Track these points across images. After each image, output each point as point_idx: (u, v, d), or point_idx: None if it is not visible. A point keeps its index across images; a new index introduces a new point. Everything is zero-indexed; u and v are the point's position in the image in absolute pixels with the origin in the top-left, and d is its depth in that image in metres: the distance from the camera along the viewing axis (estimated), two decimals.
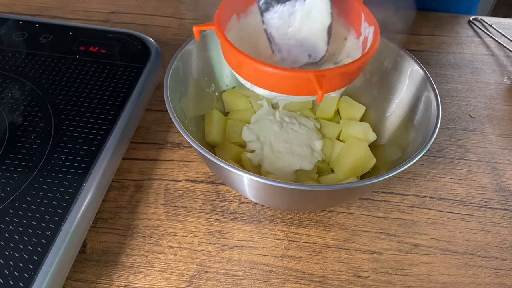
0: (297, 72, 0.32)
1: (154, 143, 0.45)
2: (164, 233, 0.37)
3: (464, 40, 0.62)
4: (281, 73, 0.30)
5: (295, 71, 0.32)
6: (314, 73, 0.29)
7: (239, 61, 0.32)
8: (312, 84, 0.29)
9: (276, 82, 0.32)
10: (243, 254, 0.36)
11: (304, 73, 0.31)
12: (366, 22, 0.35)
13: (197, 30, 0.33)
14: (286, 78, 0.31)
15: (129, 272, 0.35)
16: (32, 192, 0.34)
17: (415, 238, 0.38)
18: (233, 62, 0.34)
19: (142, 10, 0.64)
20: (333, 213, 0.40)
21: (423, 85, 0.39)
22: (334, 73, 0.31)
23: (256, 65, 0.31)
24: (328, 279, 0.35)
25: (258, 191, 0.34)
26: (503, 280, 0.36)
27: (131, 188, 0.41)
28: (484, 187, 0.43)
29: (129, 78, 0.45)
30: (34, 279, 0.29)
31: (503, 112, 0.51)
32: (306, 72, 0.30)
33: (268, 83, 0.32)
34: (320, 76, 0.29)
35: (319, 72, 0.29)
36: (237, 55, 0.31)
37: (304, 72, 0.31)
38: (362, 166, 0.39)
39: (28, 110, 0.42)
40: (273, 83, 0.32)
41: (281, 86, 0.32)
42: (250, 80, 0.33)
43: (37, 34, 0.50)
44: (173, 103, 0.35)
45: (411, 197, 0.41)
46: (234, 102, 0.45)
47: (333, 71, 0.31)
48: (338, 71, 0.31)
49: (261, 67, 0.30)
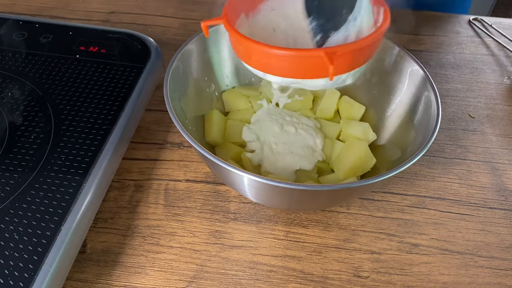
0: (306, 51, 0.31)
1: (154, 143, 0.45)
2: (164, 233, 0.37)
3: (464, 40, 0.62)
4: (290, 54, 0.30)
5: (305, 50, 0.31)
6: (324, 50, 0.29)
7: (248, 48, 0.32)
8: (324, 62, 0.29)
9: (286, 65, 0.31)
10: (243, 254, 0.36)
11: (314, 51, 0.30)
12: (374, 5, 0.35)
13: (205, 25, 0.33)
14: (296, 58, 0.30)
15: (129, 272, 0.35)
16: (32, 192, 0.34)
17: (415, 238, 0.38)
18: (241, 52, 0.34)
19: (142, 10, 0.64)
20: (333, 213, 0.40)
21: (423, 85, 0.39)
22: (345, 49, 0.30)
23: (264, 49, 0.30)
24: (328, 279, 0.35)
25: (258, 191, 0.34)
26: (503, 280, 0.36)
27: (131, 188, 0.41)
28: (484, 187, 0.43)
29: (129, 78, 0.45)
30: (34, 279, 0.29)
31: (503, 112, 0.51)
32: (316, 50, 0.30)
33: (278, 68, 0.32)
34: (331, 52, 0.29)
35: (329, 49, 0.29)
36: (246, 43, 0.31)
37: (314, 50, 0.30)
38: (362, 166, 0.39)
39: (28, 110, 0.42)
40: (283, 67, 0.31)
41: (291, 69, 0.31)
42: (261, 68, 0.33)
43: (37, 34, 0.50)
44: (173, 103, 0.35)
45: (411, 197, 0.41)
46: (234, 102, 0.45)
47: (343, 47, 0.30)
48: (349, 47, 0.30)
49: (269, 50, 0.30)
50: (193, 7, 0.66)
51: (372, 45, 0.32)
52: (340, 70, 0.32)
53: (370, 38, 0.31)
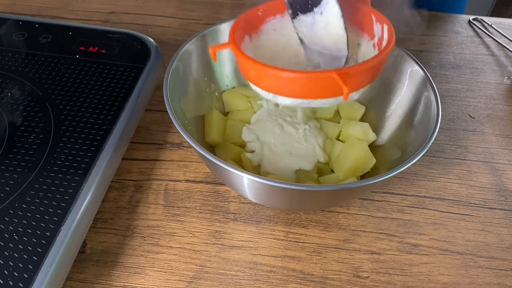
0: (319, 73, 0.31)
1: (154, 143, 0.45)
2: (164, 233, 0.37)
3: (464, 40, 0.62)
4: (303, 76, 0.30)
5: (317, 72, 0.32)
6: (337, 71, 0.29)
7: (259, 72, 0.32)
8: (336, 83, 0.29)
9: (298, 87, 0.31)
10: (242, 255, 0.36)
11: (326, 72, 0.30)
12: (378, 23, 0.35)
13: (214, 51, 0.33)
14: (309, 80, 0.31)
15: (129, 272, 0.35)
16: (32, 192, 0.34)
17: (415, 238, 0.38)
18: (252, 75, 0.34)
19: (142, 10, 0.64)
20: (333, 213, 0.40)
21: (423, 85, 0.39)
22: (356, 70, 0.31)
23: (276, 72, 0.30)
24: (328, 279, 0.35)
25: (258, 191, 0.34)
26: (503, 281, 0.36)
27: (130, 188, 0.41)
28: (484, 187, 0.43)
29: (129, 78, 0.45)
30: (33, 279, 0.29)
31: (503, 112, 0.51)
32: (328, 72, 0.30)
33: (291, 90, 0.32)
34: (344, 73, 0.29)
35: (341, 70, 0.29)
36: (256, 67, 0.31)
37: (326, 72, 0.30)
38: (362, 166, 0.39)
39: (28, 110, 0.42)
40: (296, 89, 0.32)
41: (304, 90, 0.32)
42: (272, 91, 0.33)
43: (37, 34, 0.50)
44: (173, 103, 0.35)
45: (411, 197, 0.41)
46: (234, 102, 0.45)
47: (355, 68, 0.31)
48: (360, 67, 0.31)
49: (282, 73, 0.30)
50: (193, 7, 0.66)
51: (380, 64, 0.33)
52: (353, 88, 0.32)
53: (379, 58, 0.31)
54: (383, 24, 0.35)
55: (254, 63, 0.31)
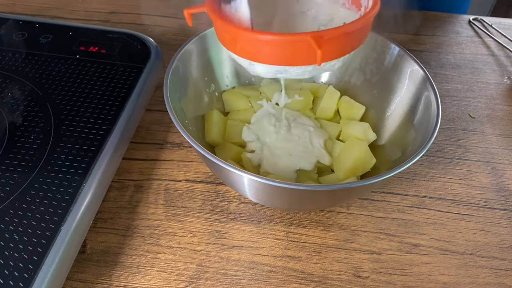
0: (292, 35, 0.29)
1: (154, 143, 0.45)
2: (164, 233, 0.37)
3: (464, 40, 0.62)
4: (276, 38, 0.29)
5: (291, 35, 0.29)
6: (311, 34, 0.28)
7: (233, 35, 0.31)
8: (311, 47, 0.28)
9: (272, 51, 0.30)
10: (243, 254, 0.36)
11: (300, 35, 0.28)
12: None
13: (188, 13, 0.32)
14: (283, 43, 0.29)
15: (129, 272, 0.35)
16: (32, 192, 0.34)
17: (415, 238, 0.38)
18: (226, 39, 0.33)
19: (142, 10, 0.64)
20: (333, 213, 0.40)
21: (423, 85, 0.39)
22: (332, 34, 0.29)
23: (250, 35, 0.29)
24: (328, 279, 0.35)
25: (258, 191, 0.34)
26: (503, 280, 0.36)
27: (131, 188, 0.41)
28: (484, 187, 0.43)
29: (129, 78, 0.45)
30: (34, 279, 0.29)
31: (503, 112, 0.51)
32: (303, 34, 0.28)
33: (264, 55, 0.31)
34: (318, 36, 0.28)
35: (316, 33, 0.28)
36: (230, 29, 0.30)
37: (301, 34, 0.28)
38: (362, 166, 0.39)
39: (28, 110, 0.42)
40: (269, 53, 0.30)
41: (278, 55, 0.30)
42: (246, 56, 0.32)
43: (37, 34, 0.50)
44: (173, 103, 0.35)
45: (411, 197, 0.41)
46: (234, 102, 0.45)
47: (331, 31, 0.29)
48: (337, 31, 0.29)
49: (255, 35, 0.29)
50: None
51: (361, 31, 0.31)
52: (328, 56, 0.31)
53: (359, 22, 0.30)
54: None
55: (227, 26, 0.30)
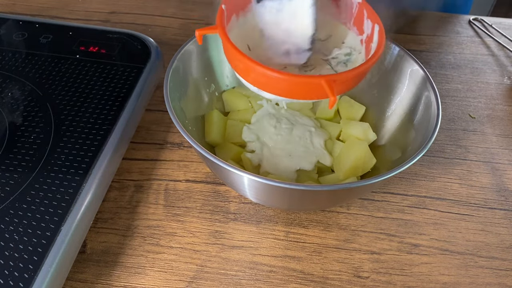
0: (307, 77, 0.31)
1: (154, 143, 0.45)
2: (164, 233, 0.37)
3: (464, 40, 0.62)
4: (292, 79, 0.30)
5: (306, 77, 0.31)
6: (325, 78, 0.29)
7: (247, 67, 0.31)
8: (323, 88, 0.29)
9: (285, 87, 0.31)
10: (243, 255, 0.36)
11: (314, 78, 0.30)
12: (369, 20, 0.35)
13: (200, 34, 0.33)
14: (297, 84, 0.31)
15: (129, 272, 0.35)
16: (32, 192, 0.34)
17: (415, 239, 0.38)
18: (239, 67, 0.33)
19: (142, 10, 0.64)
20: (333, 213, 0.40)
21: (423, 85, 0.39)
22: (344, 77, 0.31)
23: (265, 72, 0.30)
24: (328, 279, 0.35)
25: (258, 191, 0.34)
26: (503, 281, 0.36)
27: (131, 188, 0.41)
28: (484, 187, 0.43)
29: (129, 78, 0.45)
30: (34, 280, 0.29)
31: (503, 112, 0.51)
32: (317, 77, 0.30)
33: (277, 88, 0.32)
34: (331, 81, 0.29)
35: (329, 77, 0.29)
36: (244, 61, 0.30)
37: (315, 78, 0.30)
38: (362, 166, 0.39)
39: (28, 110, 0.42)
40: (282, 89, 0.32)
41: (290, 91, 0.32)
42: (258, 86, 0.33)
43: (37, 34, 0.50)
44: (173, 103, 0.35)
45: (411, 197, 0.41)
46: (234, 102, 0.45)
47: (343, 75, 0.31)
48: (348, 75, 0.31)
49: (270, 74, 0.30)
50: (193, 7, 0.66)
51: (368, 70, 0.33)
52: (338, 93, 0.32)
53: (368, 64, 0.31)
54: (374, 24, 0.34)
55: (242, 57, 0.30)
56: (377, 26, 0.34)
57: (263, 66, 0.30)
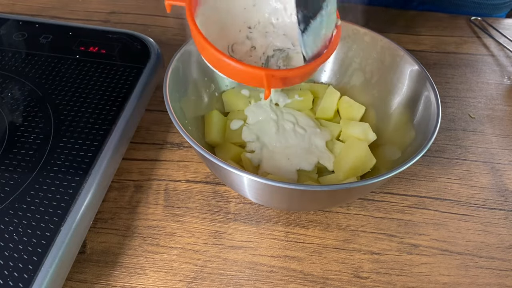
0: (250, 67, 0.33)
1: (154, 144, 0.45)
2: (164, 233, 0.37)
3: (464, 40, 0.62)
4: (234, 65, 0.32)
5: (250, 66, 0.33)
6: (265, 71, 0.32)
7: (202, 45, 0.33)
8: (262, 79, 0.32)
9: (232, 71, 0.34)
10: (243, 255, 0.36)
11: (256, 69, 0.33)
12: None
13: (168, 4, 0.35)
14: (241, 70, 0.33)
15: (129, 272, 0.35)
16: (32, 192, 0.34)
17: (415, 239, 0.38)
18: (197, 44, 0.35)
19: (142, 10, 0.64)
20: (333, 213, 0.40)
21: (423, 85, 0.39)
22: (284, 75, 0.33)
23: (214, 53, 0.32)
24: (328, 279, 0.35)
25: (258, 192, 0.34)
26: (503, 281, 0.36)
27: (131, 188, 0.41)
28: (484, 187, 0.43)
29: (129, 78, 0.45)
30: (33, 280, 0.29)
31: (503, 112, 0.51)
32: (259, 69, 0.33)
33: (225, 70, 0.34)
34: (270, 75, 0.32)
35: (269, 71, 0.32)
36: (201, 41, 0.32)
37: (256, 69, 0.33)
38: (362, 166, 0.39)
39: (28, 110, 0.42)
40: (229, 71, 0.34)
41: (236, 75, 0.34)
42: (210, 63, 0.35)
43: (37, 34, 0.50)
44: (173, 103, 0.35)
45: (411, 198, 0.41)
46: (234, 103, 0.45)
47: (283, 72, 0.33)
48: (288, 73, 0.33)
49: (218, 55, 0.32)
50: None
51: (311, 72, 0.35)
52: (277, 86, 0.35)
53: (310, 67, 0.33)
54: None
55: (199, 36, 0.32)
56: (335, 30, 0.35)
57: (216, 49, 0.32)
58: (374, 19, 0.37)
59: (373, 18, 0.39)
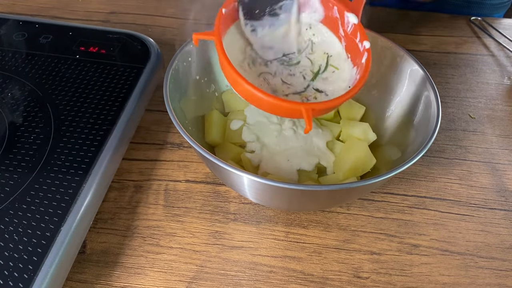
0: (288, 102, 0.34)
1: (154, 144, 0.45)
2: (164, 233, 0.37)
3: (464, 40, 0.62)
4: (274, 102, 0.32)
5: (288, 102, 0.34)
6: (304, 106, 0.32)
7: (234, 79, 0.33)
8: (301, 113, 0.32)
9: (266, 105, 0.33)
10: (243, 255, 0.36)
11: (294, 104, 0.33)
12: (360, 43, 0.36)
13: (196, 38, 0.34)
14: (277, 105, 0.32)
15: (129, 273, 0.35)
16: (32, 193, 0.34)
17: (415, 239, 0.38)
18: (227, 75, 0.35)
19: (142, 10, 0.64)
20: (333, 213, 0.40)
21: (423, 85, 0.39)
22: (323, 107, 0.33)
23: (248, 88, 0.32)
24: (328, 279, 0.35)
25: (258, 192, 0.34)
26: (503, 281, 0.36)
27: (131, 188, 0.41)
28: (484, 187, 0.43)
29: (129, 79, 0.45)
30: (33, 280, 0.29)
31: (503, 112, 0.51)
32: (297, 104, 0.33)
33: (261, 105, 0.34)
34: (310, 109, 0.31)
35: (309, 105, 0.32)
36: (232, 73, 0.32)
37: (295, 103, 0.33)
38: (362, 166, 0.39)
39: (28, 110, 0.42)
40: (263, 105, 0.34)
41: (270, 109, 0.34)
42: (242, 96, 0.35)
43: (37, 34, 0.50)
44: (173, 103, 0.35)
45: (411, 198, 0.41)
46: (234, 103, 0.45)
47: (322, 105, 0.33)
48: (327, 105, 0.33)
49: (253, 91, 0.32)
50: (193, 7, 0.66)
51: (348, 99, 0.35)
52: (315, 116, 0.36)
53: (347, 97, 0.33)
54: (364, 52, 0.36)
55: (232, 72, 0.32)
56: (366, 53, 0.35)
57: (247, 82, 0.32)
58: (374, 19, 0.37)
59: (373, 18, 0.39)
